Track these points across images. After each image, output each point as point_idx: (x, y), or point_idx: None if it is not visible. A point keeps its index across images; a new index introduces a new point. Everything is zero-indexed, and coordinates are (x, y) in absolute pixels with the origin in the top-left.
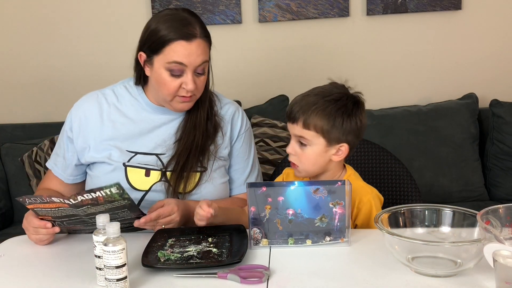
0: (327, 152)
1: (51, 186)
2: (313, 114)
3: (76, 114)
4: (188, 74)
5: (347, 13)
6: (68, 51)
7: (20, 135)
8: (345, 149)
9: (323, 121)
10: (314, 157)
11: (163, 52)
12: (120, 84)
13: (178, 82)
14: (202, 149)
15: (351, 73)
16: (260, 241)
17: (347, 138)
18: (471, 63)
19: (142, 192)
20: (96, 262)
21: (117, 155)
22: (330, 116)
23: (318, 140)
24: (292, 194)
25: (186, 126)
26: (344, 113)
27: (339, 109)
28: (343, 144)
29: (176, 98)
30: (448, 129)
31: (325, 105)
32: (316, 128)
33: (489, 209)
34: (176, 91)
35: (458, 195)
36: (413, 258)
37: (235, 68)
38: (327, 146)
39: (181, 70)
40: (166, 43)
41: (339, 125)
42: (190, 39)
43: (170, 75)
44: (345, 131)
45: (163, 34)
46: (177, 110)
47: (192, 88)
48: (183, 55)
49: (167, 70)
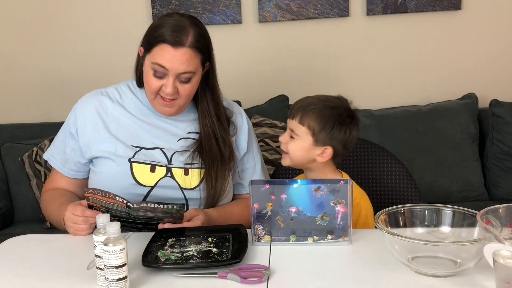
0: (312, 150)
1: (57, 184)
2: (310, 113)
3: (81, 110)
4: (170, 79)
5: (347, 13)
6: (68, 51)
7: (20, 135)
8: (329, 153)
9: (316, 121)
10: (299, 149)
11: (151, 52)
12: (123, 84)
13: (159, 83)
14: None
15: (351, 73)
16: (262, 238)
17: (333, 143)
18: (471, 63)
19: (147, 188)
20: (96, 262)
21: (122, 150)
22: (323, 119)
23: (307, 137)
24: (294, 192)
25: (202, 124)
26: (336, 120)
27: (333, 115)
28: (328, 147)
29: (157, 99)
30: (448, 129)
31: (322, 109)
32: (309, 126)
33: (489, 209)
34: (156, 91)
35: (458, 195)
36: (413, 258)
37: (235, 68)
38: (313, 145)
39: (163, 73)
40: (156, 44)
41: (329, 129)
42: (177, 46)
43: (153, 75)
44: (333, 136)
45: (156, 35)
46: (161, 113)
47: (170, 92)
48: (166, 59)
49: (152, 70)
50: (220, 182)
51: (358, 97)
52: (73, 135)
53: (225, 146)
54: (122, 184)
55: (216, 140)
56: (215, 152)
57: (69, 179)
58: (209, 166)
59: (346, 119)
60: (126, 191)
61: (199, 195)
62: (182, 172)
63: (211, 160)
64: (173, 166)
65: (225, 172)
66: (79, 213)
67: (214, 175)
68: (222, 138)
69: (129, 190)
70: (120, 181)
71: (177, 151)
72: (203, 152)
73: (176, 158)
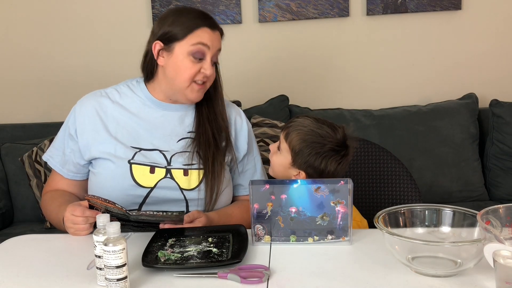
0: (289, 168)
1: (57, 186)
2: (295, 133)
3: (80, 111)
4: (208, 59)
5: (347, 13)
6: (68, 51)
7: (20, 135)
8: (302, 177)
9: (297, 143)
10: (279, 165)
11: (188, 37)
12: (122, 84)
13: (197, 66)
14: (216, 146)
15: (351, 73)
16: (263, 238)
17: (308, 170)
18: (471, 63)
19: (147, 189)
20: (96, 262)
21: (122, 151)
22: (303, 143)
23: (287, 155)
24: (294, 192)
25: (199, 122)
26: (315, 149)
27: (315, 142)
28: (301, 172)
29: (192, 85)
30: (448, 129)
31: (307, 133)
32: (290, 144)
33: (489, 209)
34: (194, 75)
35: (458, 195)
36: (413, 258)
37: (235, 68)
38: (290, 165)
39: (203, 53)
40: (193, 29)
41: (306, 155)
42: (214, 28)
43: (192, 60)
44: (308, 163)
45: (189, 22)
46: (190, 100)
47: (210, 73)
48: (208, 39)
49: (190, 55)
50: (217, 179)
51: (358, 97)
52: (72, 136)
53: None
54: (121, 185)
55: (215, 140)
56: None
57: (68, 180)
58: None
59: (328, 152)
60: (125, 192)
61: (199, 195)
62: (182, 173)
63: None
64: (172, 167)
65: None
66: (78, 214)
67: (211, 173)
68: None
69: (129, 191)
70: (119, 182)
71: (176, 153)
72: (201, 151)
73: (176, 159)
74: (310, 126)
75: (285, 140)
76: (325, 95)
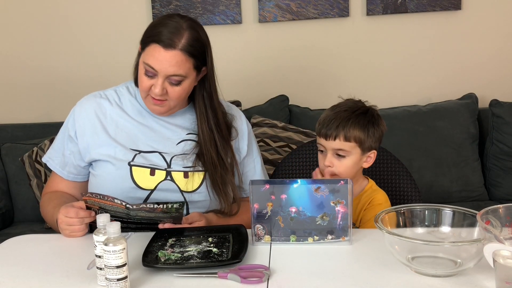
0: (361, 160)
1: (57, 187)
2: (352, 127)
3: (80, 113)
4: (159, 79)
5: (347, 13)
6: (68, 51)
7: (20, 135)
8: (374, 156)
9: (360, 132)
10: (351, 166)
11: (144, 51)
12: (122, 85)
13: (150, 82)
14: (222, 147)
15: (351, 73)
16: (263, 238)
17: (376, 145)
18: (471, 63)
19: (147, 191)
20: (97, 262)
21: (122, 153)
22: (364, 127)
23: (356, 150)
24: (295, 192)
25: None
26: (374, 123)
27: (369, 120)
28: (373, 151)
29: (148, 97)
30: (448, 129)
31: (358, 118)
32: (355, 138)
33: (489, 209)
34: (147, 90)
35: (458, 195)
36: (413, 258)
37: (235, 68)
38: (362, 155)
39: (153, 73)
40: (148, 43)
41: (372, 134)
42: (168, 47)
43: (145, 74)
44: (375, 139)
45: (151, 34)
46: (152, 111)
47: (158, 93)
48: (156, 60)
49: (143, 68)
50: (229, 188)
51: (358, 97)
52: (71, 138)
53: (225, 151)
54: (122, 188)
55: (216, 146)
56: (215, 157)
57: (68, 182)
58: (212, 173)
59: (378, 118)
60: (126, 195)
61: (199, 197)
62: (182, 175)
63: (213, 166)
64: (172, 170)
65: (229, 177)
66: (72, 215)
67: (219, 181)
68: (221, 144)
69: (129, 194)
70: (120, 185)
71: (176, 155)
72: (203, 156)
73: (176, 161)
74: (353, 114)
75: (348, 141)
76: (325, 95)
